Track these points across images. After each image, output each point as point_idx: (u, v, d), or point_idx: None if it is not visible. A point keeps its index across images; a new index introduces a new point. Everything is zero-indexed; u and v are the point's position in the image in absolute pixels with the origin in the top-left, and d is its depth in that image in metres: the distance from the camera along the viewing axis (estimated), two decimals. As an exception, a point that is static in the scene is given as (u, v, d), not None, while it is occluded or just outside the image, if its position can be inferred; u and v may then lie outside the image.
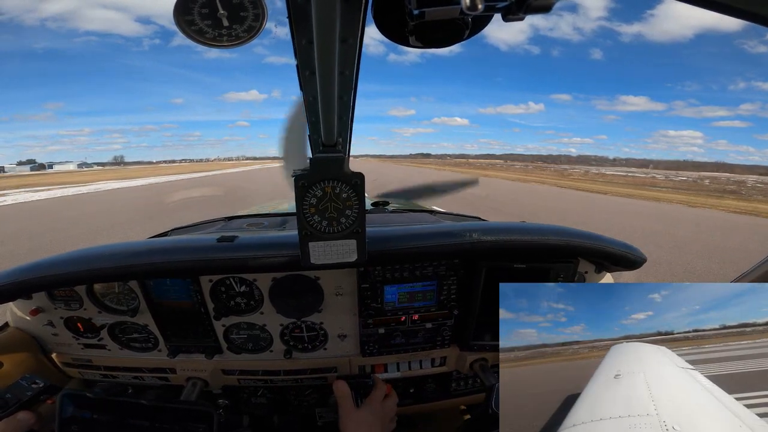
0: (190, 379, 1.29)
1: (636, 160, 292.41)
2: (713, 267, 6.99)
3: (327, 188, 0.87)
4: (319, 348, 1.31)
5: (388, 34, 0.55)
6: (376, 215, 2.02)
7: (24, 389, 0.88)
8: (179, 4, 0.47)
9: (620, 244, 1.24)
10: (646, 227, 11.09)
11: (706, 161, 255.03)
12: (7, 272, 1.07)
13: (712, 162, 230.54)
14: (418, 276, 1.21)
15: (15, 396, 0.86)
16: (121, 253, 1.05)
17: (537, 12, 0.41)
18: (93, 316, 1.22)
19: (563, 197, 21.56)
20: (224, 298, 1.21)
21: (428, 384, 1.47)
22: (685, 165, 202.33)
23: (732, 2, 0.40)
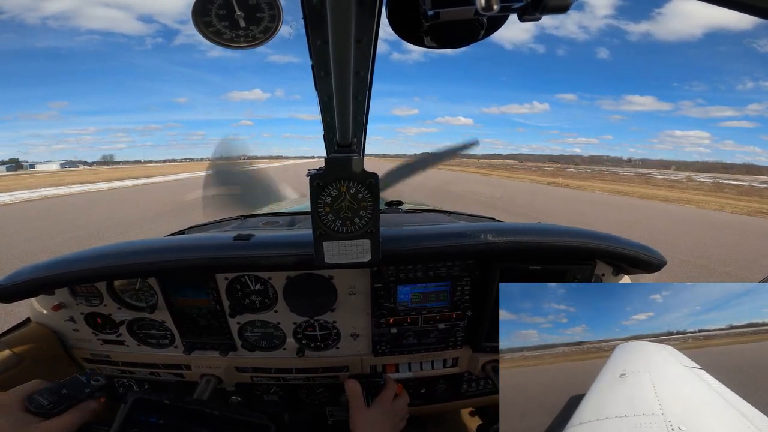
0: (204, 375, 1.31)
1: (652, 160, 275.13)
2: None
3: (342, 188, 0.88)
4: (331, 347, 1.32)
5: (403, 35, 0.55)
6: (389, 215, 2.02)
7: (82, 385, 0.88)
8: (197, 5, 0.47)
9: (638, 246, 1.22)
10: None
11: (734, 162, 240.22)
12: (30, 268, 1.11)
13: (741, 164, 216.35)
14: (432, 276, 1.20)
15: (71, 392, 0.86)
16: (141, 250, 1.07)
17: (554, 12, 0.40)
18: (112, 312, 1.25)
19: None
20: (239, 296, 1.23)
21: (439, 385, 1.46)
22: (713, 166, 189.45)
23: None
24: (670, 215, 16.57)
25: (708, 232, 11.91)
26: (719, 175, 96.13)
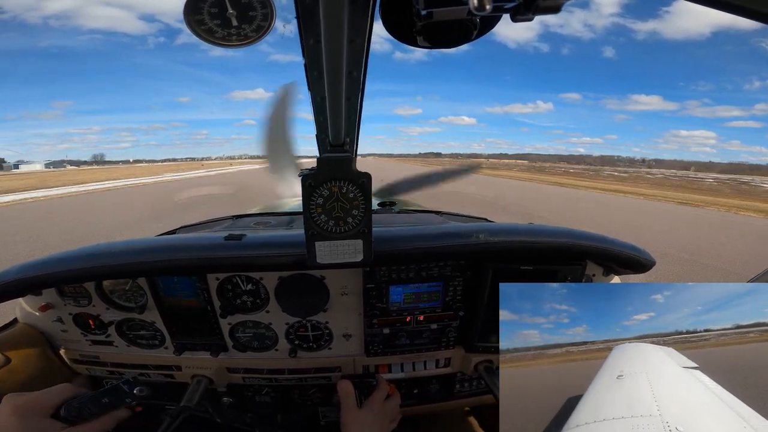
0: (195, 376, 1.30)
1: (668, 161, 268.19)
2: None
3: (334, 188, 0.88)
4: (323, 347, 1.32)
5: (396, 34, 0.55)
6: (382, 215, 2.02)
7: (124, 395, 0.86)
8: (189, 3, 0.47)
9: (628, 246, 1.23)
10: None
11: (760, 164, 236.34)
12: (17, 268, 1.09)
13: (766, 164, 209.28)
14: (424, 277, 1.20)
15: (112, 401, 0.84)
16: (129, 250, 1.06)
17: (546, 12, 0.40)
18: (101, 312, 1.23)
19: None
20: (231, 296, 1.22)
21: (432, 385, 1.46)
22: (738, 167, 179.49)
23: (741, 2, 0.39)
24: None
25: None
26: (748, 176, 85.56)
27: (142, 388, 0.87)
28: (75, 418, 0.78)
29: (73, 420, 0.78)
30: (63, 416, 0.77)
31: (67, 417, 0.77)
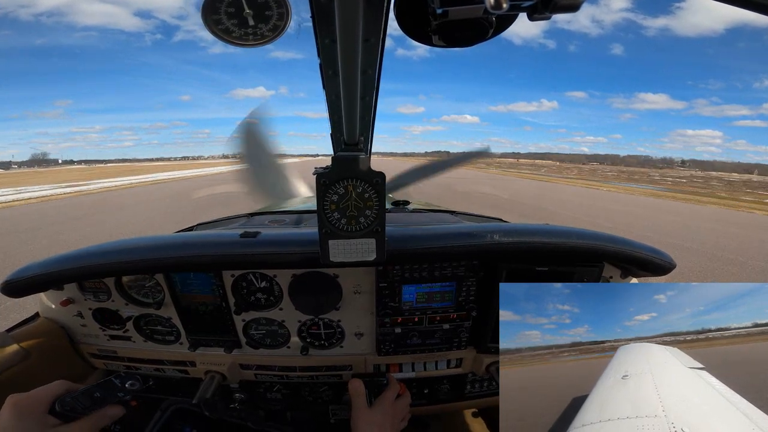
0: (208, 372, 1.32)
1: (707, 161, 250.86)
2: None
3: (348, 186, 0.88)
4: (335, 345, 1.32)
5: (411, 34, 0.55)
6: (395, 214, 2.02)
7: (116, 389, 0.89)
8: (207, 3, 0.48)
9: (648, 248, 1.20)
10: None
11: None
12: (41, 263, 1.12)
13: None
14: (437, 276, 1.20)
15: (104, 395, 0.86)
16: (149, 246, 1.08)
17: (564, 11, 0.40)
18: (120, 307, 1.26)
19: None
20: (245, 293, 1.23)
21: (443, 385, 1.46)
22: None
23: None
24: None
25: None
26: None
27: (133, 381, 0.88)
28: (69, 412, 0.80)
29: (67, 414, 0.80)
30: (57, 411, 0.79)
31: (61, 412, 0.79)
